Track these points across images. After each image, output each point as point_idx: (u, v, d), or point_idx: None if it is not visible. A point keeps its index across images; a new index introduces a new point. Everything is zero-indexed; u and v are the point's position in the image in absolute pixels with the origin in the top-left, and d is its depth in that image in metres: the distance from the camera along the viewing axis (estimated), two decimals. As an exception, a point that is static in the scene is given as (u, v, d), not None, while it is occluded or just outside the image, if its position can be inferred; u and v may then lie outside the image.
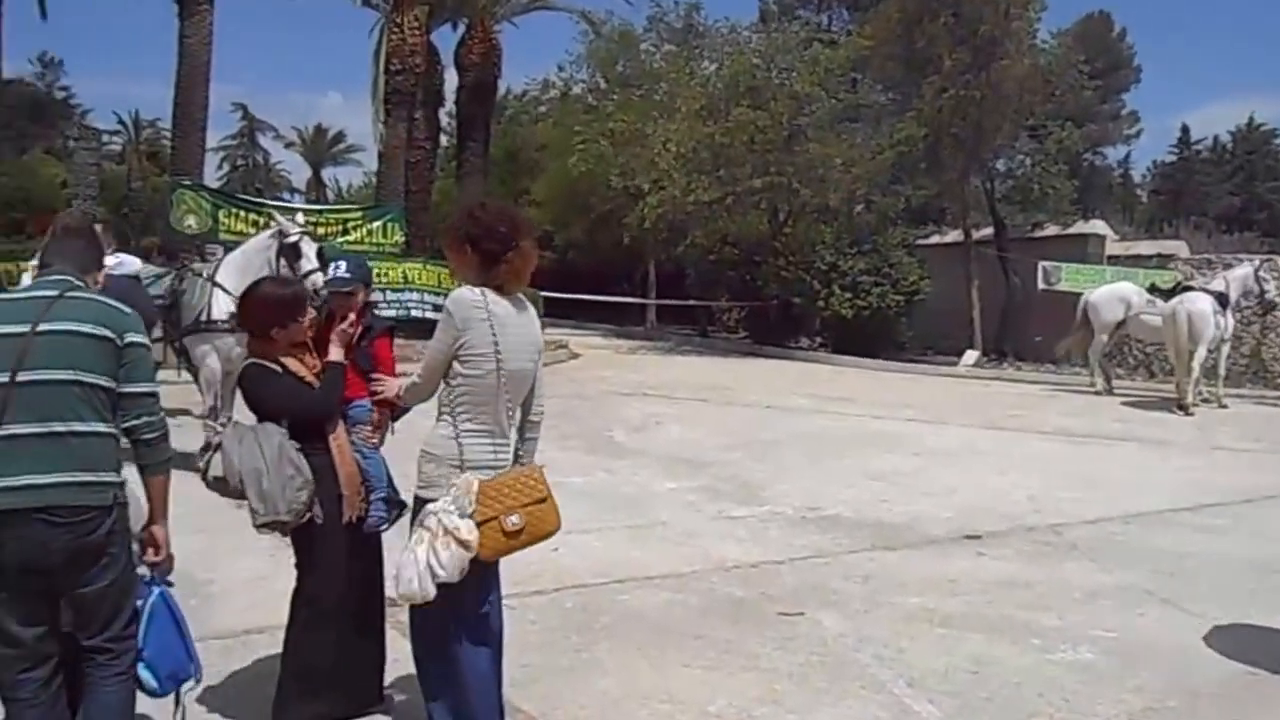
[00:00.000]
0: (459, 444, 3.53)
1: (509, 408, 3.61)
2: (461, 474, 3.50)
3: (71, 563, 3.04)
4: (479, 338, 3.48)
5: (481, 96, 27.42)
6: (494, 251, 3.55)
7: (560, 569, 6.39)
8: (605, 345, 25.14)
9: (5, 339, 3.03)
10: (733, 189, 22.87)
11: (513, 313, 3.61)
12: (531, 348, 3.71)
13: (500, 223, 3.59)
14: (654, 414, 13.13)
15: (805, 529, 7.64)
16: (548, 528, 3.62)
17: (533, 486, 3.57)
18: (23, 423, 2.99)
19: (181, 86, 20.90)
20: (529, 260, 3.64)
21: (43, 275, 3.35)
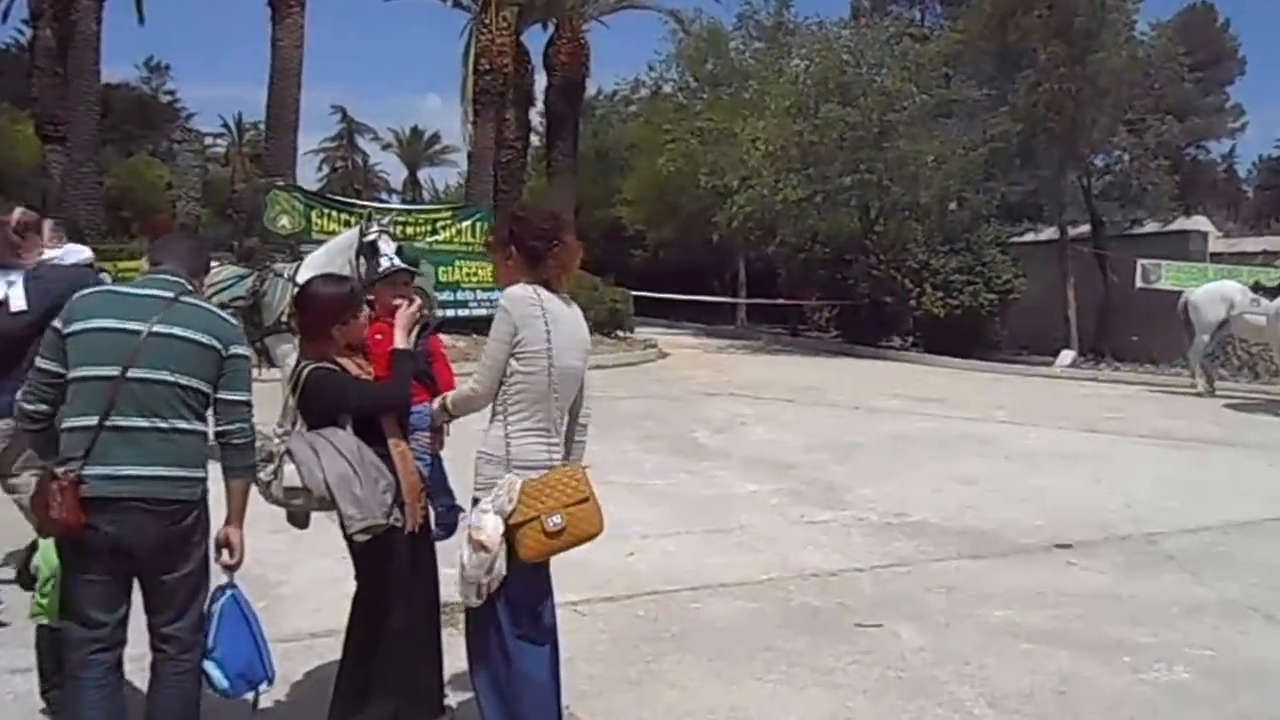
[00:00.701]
0: (513, 443, 3.52)
1: (560, 406, 3.61)
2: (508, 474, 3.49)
3: (160, 550, 3.25)
4: (534, 334, 3.48)
5: (570, 96, 27.55)
6: (539, 248, 3.57)
7: (634, 575, 6.34)
8: (695, 344, 25.02)
9: (122, 334, 3.23)
10: (822, 187, 22.58)
11: (564, 309, 3.62)
12: (581, 345, 3.70)
13: (543, 220, 3.64)
14: (739, 414, 12.98)
15: (888, 535, 7.44)
16: (590, 529, 3.58)
17: (575, 486, 3.54)
18: (129, 416, 3.19)
19: (274, 88, 21.39)
20: (574, 254, 3.67)
21: (154, 273, 3.52)
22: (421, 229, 19.72)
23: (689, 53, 31.10)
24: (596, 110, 44.10)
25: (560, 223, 3.67)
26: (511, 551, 3.45)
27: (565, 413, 3.68)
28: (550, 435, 3.58)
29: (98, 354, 3.22)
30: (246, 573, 3.59)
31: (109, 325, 3.25)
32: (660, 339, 23.42)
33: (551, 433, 3.59)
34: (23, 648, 4.33)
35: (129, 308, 3.30)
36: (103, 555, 3.19)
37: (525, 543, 3.44)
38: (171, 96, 61.43)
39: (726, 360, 21.44)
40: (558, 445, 3.63)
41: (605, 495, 8.15)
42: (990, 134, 22.16)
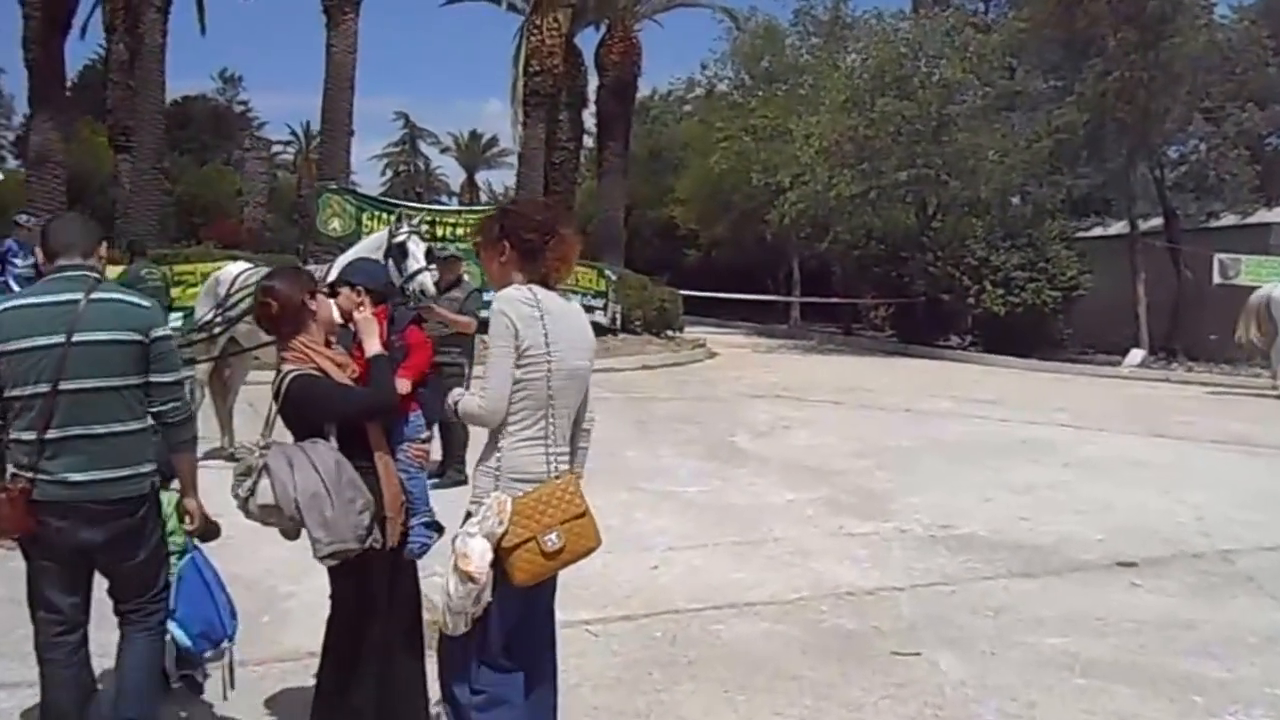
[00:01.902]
0: (507, 454, 3.19)
1: (564, 412, 3.27)
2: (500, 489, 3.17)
3: (113, 543, 3.41)
4: (532, 337, 3.14)
5: (621, 96, 27.21)
6: (534, 242, 3.26)
7: (654, 591, 5.88)
8: (745, 344, 24.49)
9: (43, 350, 3.28)
10: (877, 182, 21.95)
11: (563, 307, 3.29)
12: (584, 345, 3.35)
13: (536, 211, 3.37)
14: (783, 417, 12.44)
15: (933, 550, 6.87)
16: (587, 544, 3.27)
17: (571, 499, 3.20)
18: (66, 427, 3.29)
19: (328, 93, 21.39)
20: (571, 248, 3.36)
21: (57, 272, 3.47)
22: (472, 230, 19.46)
23: (744, 50, 30.64)
24: (651, 110, 43.84)
25: (555, 214, 3.41)
26: (502, 573, 3.12)
27: (570, 419, 3.33)
28: (551, 444, 3.23)
29: (26, 374, 3.28)
30: (257, 583, 3.59)
31: (29, 345, 3.28)
32: (710, 338, 22.95)
33: (553, 442, 3.23)
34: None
35: (44, 321, 3.30)
36: (60, 550, 3.37)
37: (519, 565, 3.12)
38: (244, 106, 62.46)
39: (776, 360, 20.87)
40: (561, 455, 3.27)
41: (634, 503, 7.89)
42: (1055, 125, 21.33)
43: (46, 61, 21.89)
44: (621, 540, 6.85)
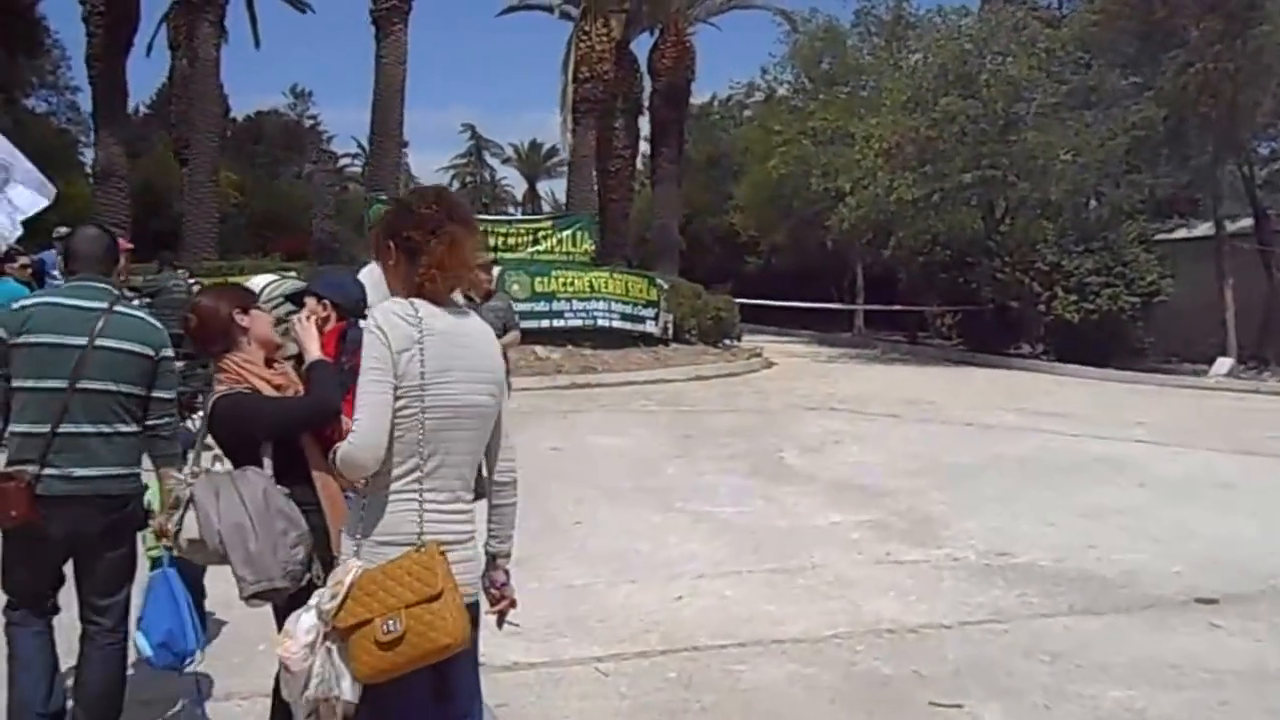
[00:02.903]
0: (370, 509, 2.58)
1: (452, 459, 2.57)
2: (360, 554, 2.58)
3: (103, 535, 3.61)
4: (406, 364, 2.53)
5: (674, 100, 26.76)
6: (415, 241, 2.61)
7: (674, 625, 5.37)
8: (805, 353, 23.79)
9: (66, 349, 3.53)
10: (940, 185, 21.11)
11: (456, 327, 2.63)
12: (485, 373, 2.66)
13: (424, 203, 2.67)
14: (835, 432, 11.80)
15: (987, 581, 6.24)
16: (440, 639, 2.45)
17: (424, 577, 2.47)
18: (79, 423, 3.53)
19: (378, 103, 21.29)
20: (460, 251, 2.62)
21: (79, 280, 3.74)
22: (523, 239, 19.19)
23: (803, 52, 29.93)
24: (710, 116, 43.34)
25: (448, 208, 2.66)
26: None
27: (466, 469, 2.64)
28: (429, 501, 2.55)
29: (45, 368, 3.50)
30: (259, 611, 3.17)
31: (52, 341, 3.52)
32: (769, 348, 22.32)
33: (431, 498, 2.56)
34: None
35: (69, 322, 3.55)
36: (54, 541, 3.56)
37: (355, 655, 2.49)
38: (314, 120, 63.49)
39: (835, 370, 20.16)
40: (448, 516, 2.59)
41: (667, 525, 7.35)
42: (1132, 121, 20.32)
43: (109, 78, 22.16)
44: (648, 567, 6.39)
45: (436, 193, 2.73)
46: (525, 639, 4.98)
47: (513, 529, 2.84)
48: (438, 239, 2.59)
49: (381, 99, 21.12)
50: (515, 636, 4.99)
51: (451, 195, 2.78)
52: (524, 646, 4.90)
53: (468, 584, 2.61)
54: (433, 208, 2.64)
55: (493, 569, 2.82)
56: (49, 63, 32.27)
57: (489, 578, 2.81)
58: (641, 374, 16.88)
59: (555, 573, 6.17)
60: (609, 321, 18.32)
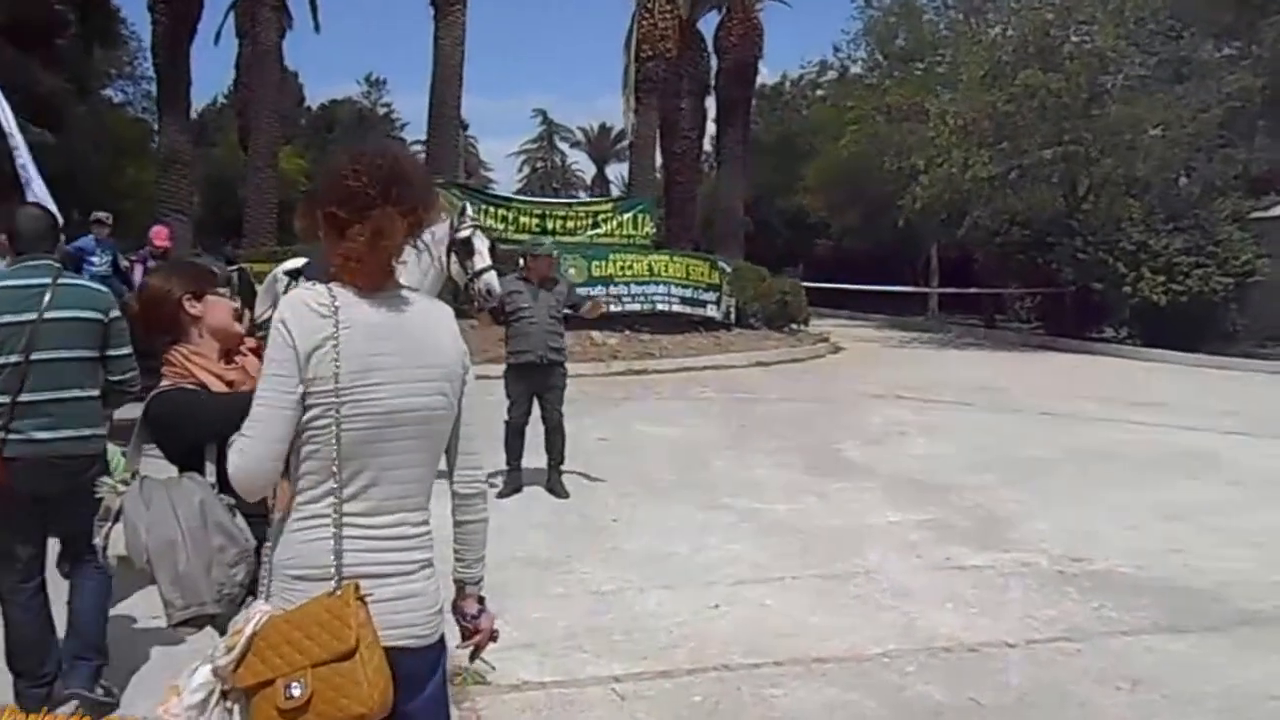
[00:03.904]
0: (288, 539, 2.10)
1: (383, 476, 2.09)
2: (271, 592, 2.10)
3: (71, 494, 3.61)
4: (318, 363, 2.05)
5: (741, 79, 26.08)
6: (340, 218, 2.10)
7: (706, 639, 4.88)
8: (876, 338, 23.06)
9: (17, 325, 3.74)
10: (1018, 162, 20.20)
11: (384, 320, 2.12)
12: (428, 372, 2.15)
13: (357, 173, 2.09)
14: (900, 422, 11.17)
15: (1059, 591, 5.64)
16: (352, 708, 1.93)
17: (334, 628, 1.96)
18: (37, 391, 3.75)
19: (436, 88, 21.01)
20: (387, 245, 2.10)
21: (24, 260, 3.95)
22: (583, 223, 18.74)
23: (878, 29, 29.02)
24: (783, 96, 42.51)
25: (387, 182, 2.09)
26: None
27: (403, 487, 2.13)
28: (350, 529, 2.07)
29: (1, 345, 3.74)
30: None
31: (6, 320, 3.75)
32: (838, 332, 21.66)
33: (352, 524, 2.07)
34: None
35: (16, 300, 3.78)
36: (24, 503, 3.81)
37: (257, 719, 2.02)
38: (388, 108, 64.07)
39: (906, 356, 19.43)
40: (383, 544, 2.10)
41: (709, 524, 6.83)
42: (1227, 92, 19.15)
43: (173, 66, 22.23)
44: (684, 571, 5.92)
45: (375, 160, 2.12)
46: (539, 652, 4.57)
47: (483, 550, 2.35)
48: (364, 224, 2.07)
49: (439, 82, 20.77)
50: (529, 650, 4.59)
51: (395, 165, 2.13)
52: (537, 662, 4.47)
53: (415, 626, 2.11)
54: (363, 181, 2.08)
55: (461, 599, 2.34)
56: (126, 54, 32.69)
57: (458, 609, 2.34)
58: (701, 360, 16.38)
59: (584, 577, 5.74)
60: (668, 306, 17.82)
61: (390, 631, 2.03)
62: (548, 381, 7.62)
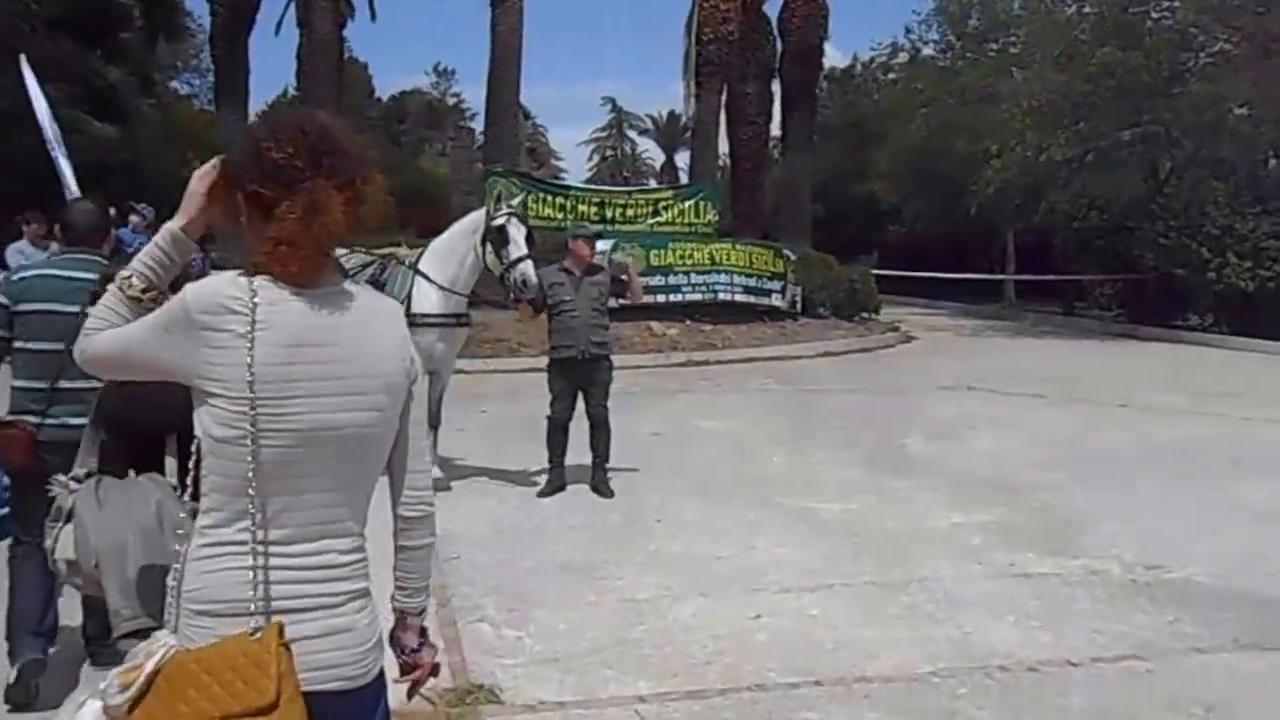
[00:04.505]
0: (195, 567, 1.81)
1: (306, 499, 1.82)
2: (177, 624, 1.82)
3: None
4: (227, 364, 1.76)
5: (805, 61, 25.46)
6: (265, 197, 1.81)
7: (743, 653, 4.58)
8: (949, 326, 22.45)
9: (62, 316, 3.70)
10: (1095, 144, 19.44)
11: (316, 323, 1.82)
12: (364, 383, 1.86)
13: (280, 143, 1.81)
14: (969, 414, 10.71)
15: (1131, 602, 5.24)
16: None
17: (252, 677, 1.67)
18: (74, 379, 3.67)
19: (494, 75, 20.78)
20: (325, 222, 1.80)
21: (73, 253, 4.08)
22: (643, 211, 18.41)
23: (950, 9, 28.24)
24: (854, 80, 41.70)
25: (316, 151, 1.81)
26: None
27: (350, 507, 1.88)
28: (276, 555, 1.79)
29: (44, 333, 3.82)
30: None
31: (50, 309, 3.84)
32: (910, 321, 21.15)
33: (285, 550, 1.80)
34: None
35: (63, 292, 3.82)
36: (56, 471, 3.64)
37: None
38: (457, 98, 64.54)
39: (979, 345, 18.82)
40: (309, 574, 1.82)
41: (759, 525, 6.51)
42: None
43: (232, 58, 22.40)
44: (726, 577, 5.61)
45: (300, 128, 1.83)
46: (561, 669, 4.31)
47: (427, 578, 2.07)
48: (293, 200, 1.78)
49: (497, 69, 20.50)
50: (550, 666, 4.34)
51: (324, 132, 1.85)
52: (557, 680, 4.21)
53: (343, 666, 1.84)
54: (288, 152, 1.79)
55: (402, 630, 2.07)
56: (192, 47, 33.20)
57: (398, 641, 2.07)
58: (764, 350, 16.04)
59: (618, 583, 5.46)
60: (731, 295, 17.46)
61: (314, 674, 1.76)
62: (592, 376, 7.34)
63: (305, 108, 2.27)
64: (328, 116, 1.94)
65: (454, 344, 7.65)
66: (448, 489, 7.33)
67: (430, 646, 2.10)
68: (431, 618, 4.69)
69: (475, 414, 10.36)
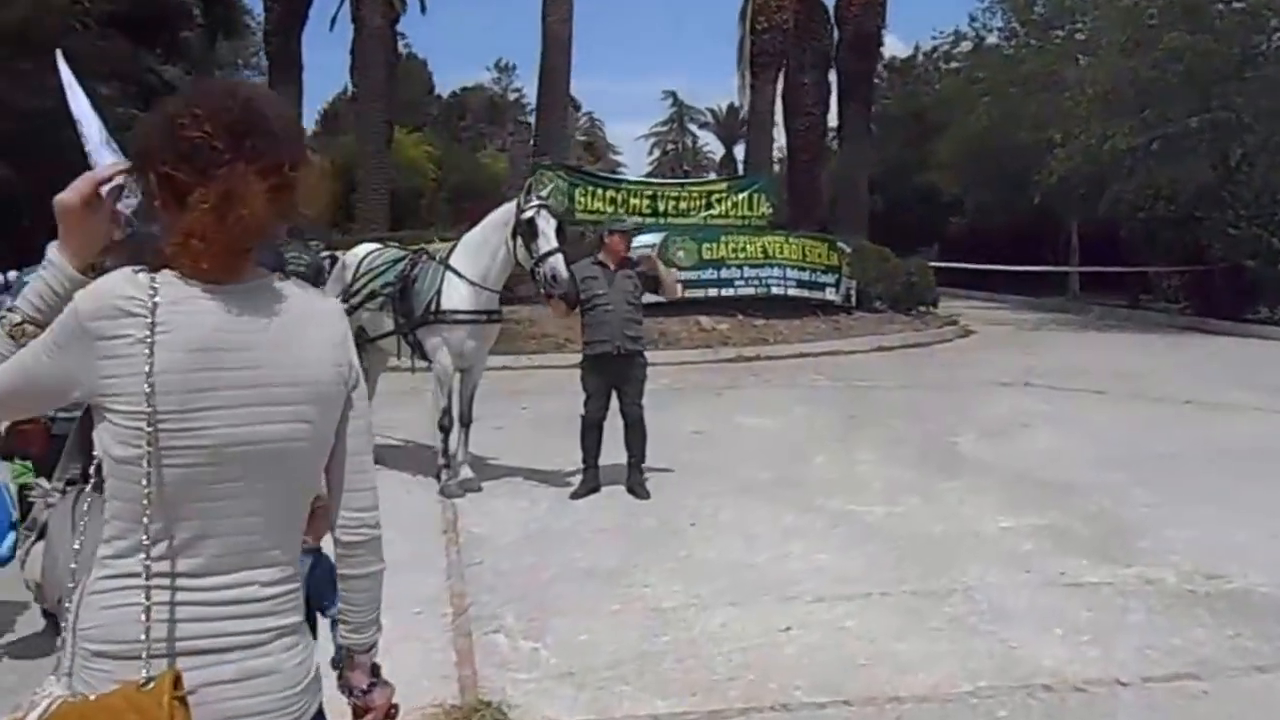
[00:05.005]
0: (90, 602, 1.62)
1: (219, 524, 1.61)
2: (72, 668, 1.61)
3: None
4: (123, 375, 1.55)
5: (862, 50, 25.00)
6: (177, 181, 1.57)
7: (769, 669, 4.36)
8: (1010, 320, 21.90)
9: None
10: (1162, 131, 18.79)
11: (229, 324, 1.61)
12: (286, 393, 1.64)
13: (192, 118, 1.57)
14: (1026, 412, 10.34)
15: (1188, 614, 4.92)
16: None
17: None
18: None
19: (544, 67, 20.65)
20: (245, 197, 1.57)
21: None
22: (696, 203, 18.18)
23: (1015, -5, 27.59)
24: (914, 70, 41.01)
25: (235, 130, 1.58)
26: None
27: (276, 533, 1.67)
28: (181, 589, 1.59)
29: None
30: None
31: None
32: (970, 314, 20.71)
33: (192, 584, 1.60)
34: None
35: None
36: None
37: None
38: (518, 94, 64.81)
39: (1041, 339, 18.30)
40: (222, 609, 1.61)
41: (797, 529, 6.28)
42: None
43: (284, 53, 22.55)
44: (759, 585, 5.38)
45: (221, 103, 1.60)
46: (576, 684, 4.12)
47: (376, 610, 1.84)
48: (208, 187, 1.55)
49: (548, 61, 20.38)
50: (565, 681, 4.15)
51: (248, 107, 1.61)
52: (570, 697, 4.03)
53: (267, 713, 1.63)
54: (205, 130, 1.56)
55: (350, 668, 1.86)
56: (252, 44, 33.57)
57: (345, 682, 1.86)
58: (816, 345, 15.74)
59: (645, 591, 5.27)
60: (784, 289, 17.19)
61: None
62: (626, 373, 7.15)
63: (234, 79, 1.96)
64: (257, 89, 1.73)
65: (485, 341, 7.50)
66: (478, 489, 7.21)
67: (384, 686, 1.87)
68: (446, 628, 4.59)
69: (516, 411, 10.25)
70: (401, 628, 4.63)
